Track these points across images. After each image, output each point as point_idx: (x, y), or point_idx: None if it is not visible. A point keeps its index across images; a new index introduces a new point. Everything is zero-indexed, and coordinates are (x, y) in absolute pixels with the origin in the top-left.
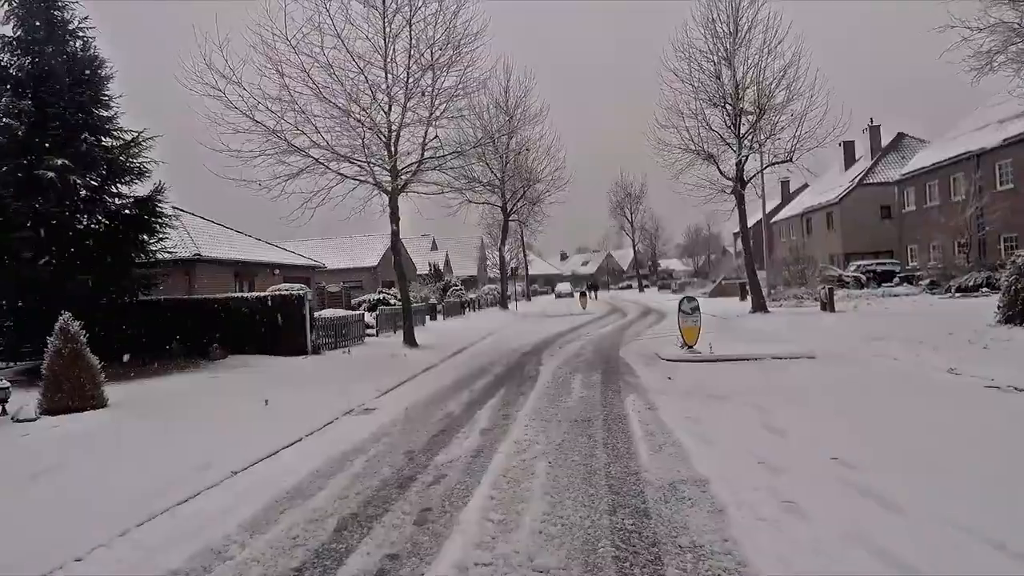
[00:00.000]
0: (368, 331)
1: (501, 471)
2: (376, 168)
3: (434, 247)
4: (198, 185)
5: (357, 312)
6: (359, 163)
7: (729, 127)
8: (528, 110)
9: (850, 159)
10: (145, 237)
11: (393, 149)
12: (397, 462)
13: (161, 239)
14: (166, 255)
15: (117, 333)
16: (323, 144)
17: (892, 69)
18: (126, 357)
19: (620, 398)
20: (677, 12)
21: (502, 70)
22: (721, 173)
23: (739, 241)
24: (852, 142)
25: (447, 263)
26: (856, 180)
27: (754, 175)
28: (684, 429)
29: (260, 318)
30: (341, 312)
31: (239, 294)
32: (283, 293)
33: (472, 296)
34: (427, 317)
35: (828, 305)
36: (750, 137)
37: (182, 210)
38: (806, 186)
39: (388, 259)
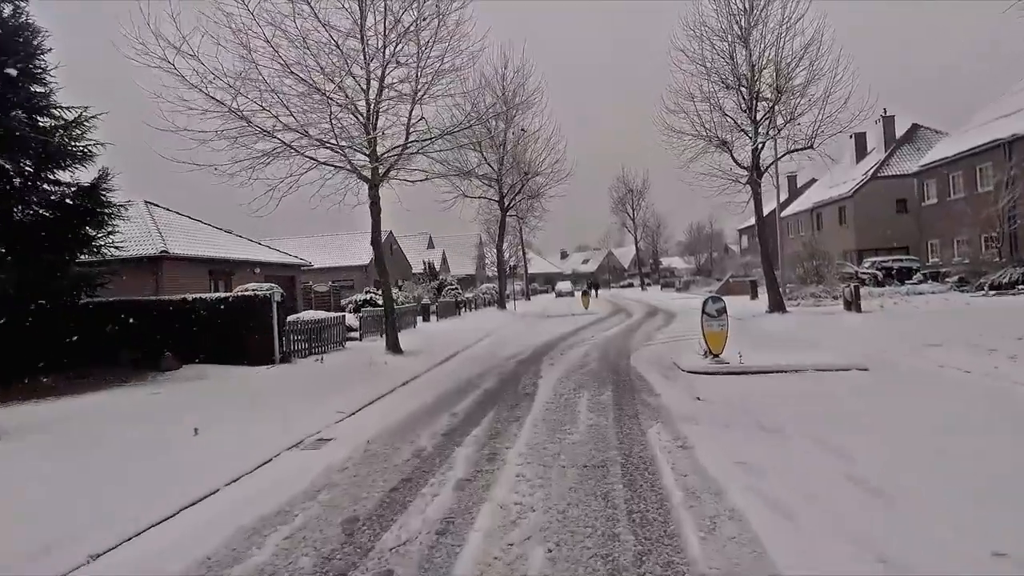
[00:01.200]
0: (352, 334)
1: (475, 572)
2: (352, 153)
3: (430, 245)
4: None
5: (337, 314)
6: (331, 146)
7: (744, 111)
8: (527, 99)
9: (861, 151)
10: (91, 231)
11: (372, 131)
12: (327, 543)
13: (111, 232)
14: (115, 251)
15: (48, 340)
16: (291, 124)
17: (890, 68)
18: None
19: (640, 428)
20: (674, 10)
21: (498, 58)
22: (735, 161)
23: (744, 238)
24: (864, 134)
25: (444, 261)
26: (870, 173)
27: (771, 164)
28: (739, 485)
29: (221, 322)
30: (321, 314)
31: (197, 295)
32: (247, 294)
33: (469, 295)
34: (419, 318)
35: (853, 304)
36: (767, 122)
37: (156, 204)
38: (813, 181)
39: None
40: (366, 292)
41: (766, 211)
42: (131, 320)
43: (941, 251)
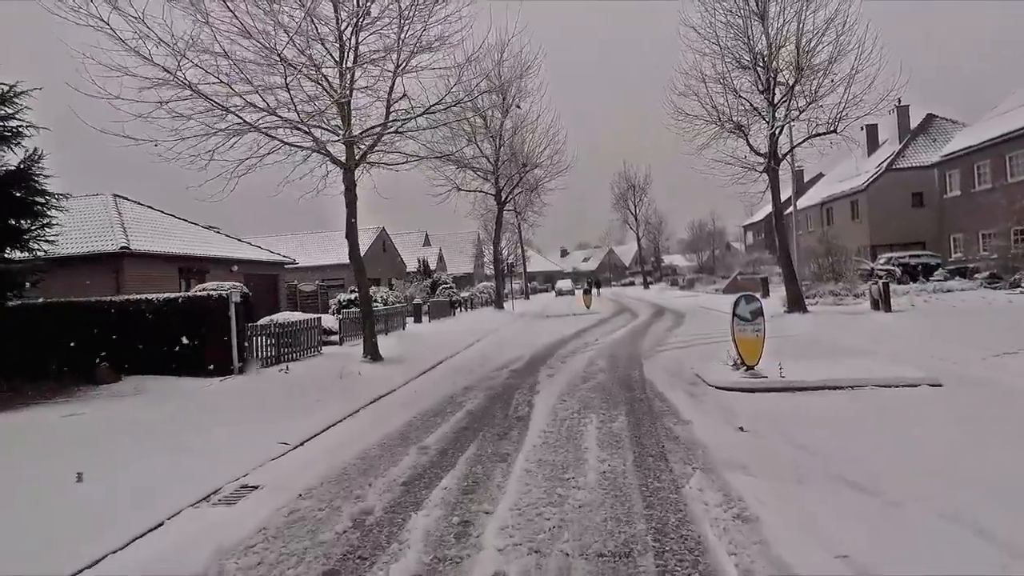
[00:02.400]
0: (331, 337)
1: None
2: (323, 132)
3: (426, 242)
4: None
5: (312, 316)
6: (294, 122)
7: (761, 92)
8: (525, 67)
9: (873, 143)
10: (22, 222)
11: (346, 105)
12: None
13: (46, 225)
14: (48, 245)
15: None
16: (249, 96)
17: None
18: None
19: (672, 478)
20: (666, 10)
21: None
22: (751, 148)
23: (750, 234)
24: (875, 125)
25: (440, 259)
26: (884, 165)
27: (790, 150)
28: None
29: (170, 327)
30: (297, 315)
31: (143, 296)
32: (198, 294)
33: (465, 295)
34: (409, 319)
35: (883, 303)
36: (785, 104)
37: (124, 198)
38: (820, 176)
39: (374, 254)
40: (351, 292)
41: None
42: (67, 325)
43: (965, 246)
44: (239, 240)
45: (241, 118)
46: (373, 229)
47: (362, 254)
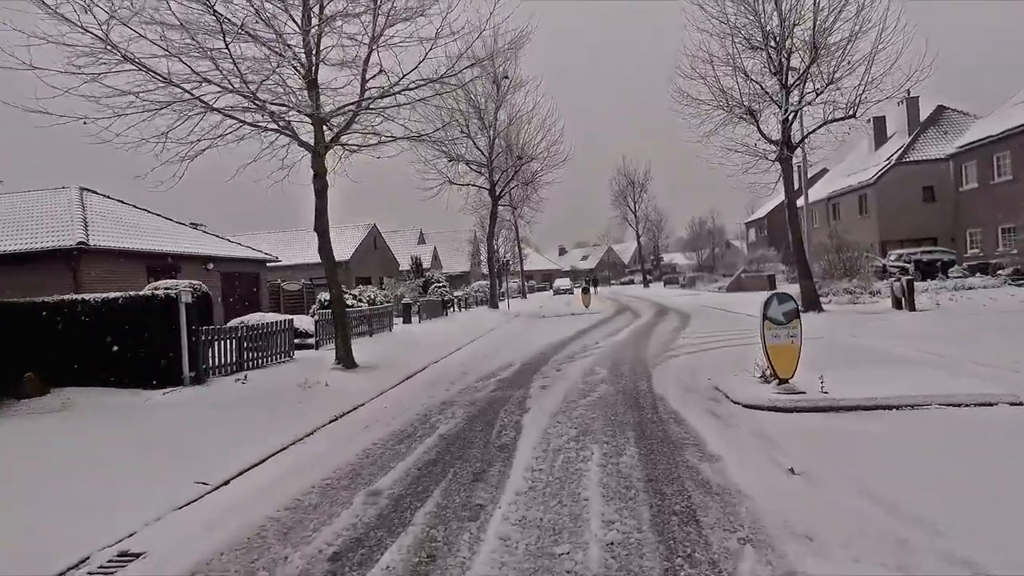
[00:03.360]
0: (308, 340)
1: None
2: (282, 108)
3: (421, 240)
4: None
5: (285, 317)
6: (246, 95)
7: (773, 74)
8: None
9: (881, 137)
10: None
11: (311, 76)
12: None
13: None
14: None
15: None
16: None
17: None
18: None
19: (710, 555)
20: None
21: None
22: (762, 134)
23: (752, 231)
24: (883, 118)
25: (435, 257)
26: (894, 158)
27: (803, 137)
28: None
29: (111, 330)
30: (271, 317)
31: (77, 296)
32: (140, 294)
33: (459, 294)
34: (399, 320)
35: (906, 302)
36: (799, 87)
37: (93, 191)
38: (824, 171)
39: (365, 251)
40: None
41: (776, 202)
42: None
43: (983, 241)
44: (218, 236)
45: (184, 89)
46: (364, 226)
47: (354, 252)
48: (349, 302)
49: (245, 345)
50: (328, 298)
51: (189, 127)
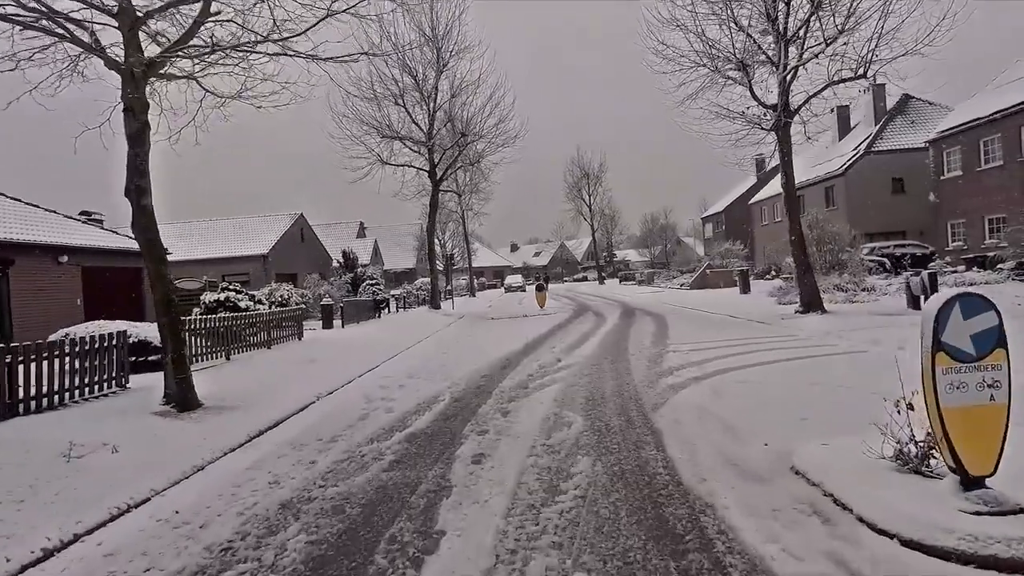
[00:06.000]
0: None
1: None
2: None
3: (361, 234)
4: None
5: (118, 328)
6: None
7: (770, 21)
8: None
9: (845, 127)
10: None
11: None
12: None
13: None
14: None
15: None
16: None
17: None
18: None
19: None
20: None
21: None
22: (755, 98)
23: (709, 226)
24: (847, 107)
25: (376, 252)
26: (863, 147)
27: (805, 100)
28: None
29: None
30: (115, 326)
31: None
32: None
33: (397, 292)
34: (316, 324)
35: (927, 299)
36: (800, 42)
37: None
38: None
39: (289, 244)
40: (221, 291)
41: (737, 194)
42: None
43: (968, 233)
44: (83, 222)
45: None
46: (288, 215)
47: (275, 245)
48: (244, 304)
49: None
50: (214, 299)
51: None
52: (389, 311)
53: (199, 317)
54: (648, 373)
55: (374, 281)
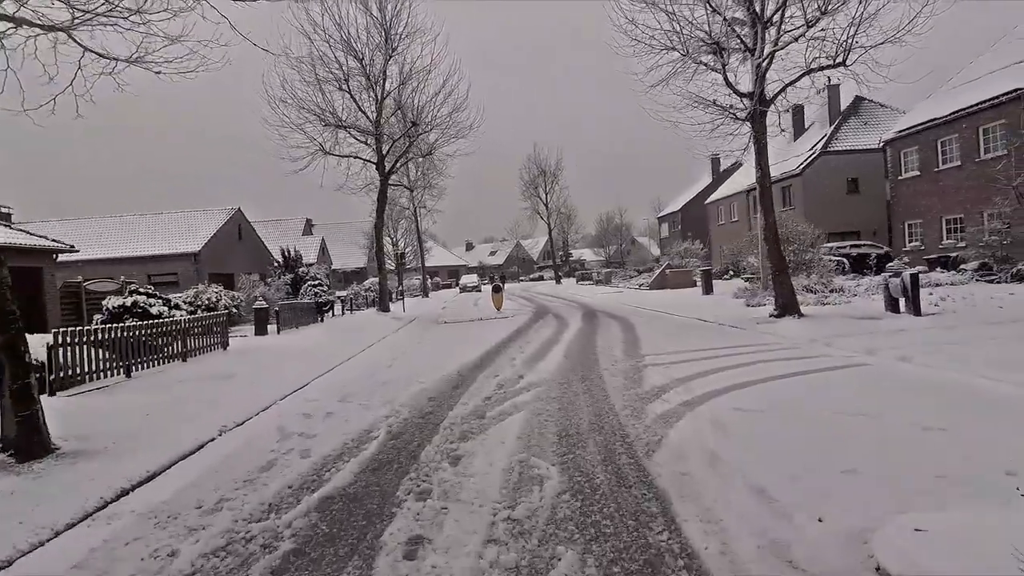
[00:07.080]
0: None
1: None
2: None
3: (308, 231)
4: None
5: None
6: None
7: (744, 4)
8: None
9: (799, 128)
10: None
11: None
12: None
13: None
14: None
15: None
16: None
17: None
18: None
19: None
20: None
21: None
22: (729, 85)
23: (665, 226)
24: (801, 107)
25: (323, 251)
26: (819, 146)
27: (781, 89)
28: None
29: None
30: None
31: None
32: None
33: (343, 293)
34: (248, 330)
35: (908, 302)
36: (777, 22)
37: None
38: (739, 165)
39: (224, 241)
40: (129, 294)
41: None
42: None
43: (924, 233)
44: None
45: None
46: (224, 210)
47: (207, 242)
48: (156, 309)
49: None
50: (119, 304)
51: None
52: (333, 314)
53: (97, 327)
54: (628, 396)
55: (316, 282)
